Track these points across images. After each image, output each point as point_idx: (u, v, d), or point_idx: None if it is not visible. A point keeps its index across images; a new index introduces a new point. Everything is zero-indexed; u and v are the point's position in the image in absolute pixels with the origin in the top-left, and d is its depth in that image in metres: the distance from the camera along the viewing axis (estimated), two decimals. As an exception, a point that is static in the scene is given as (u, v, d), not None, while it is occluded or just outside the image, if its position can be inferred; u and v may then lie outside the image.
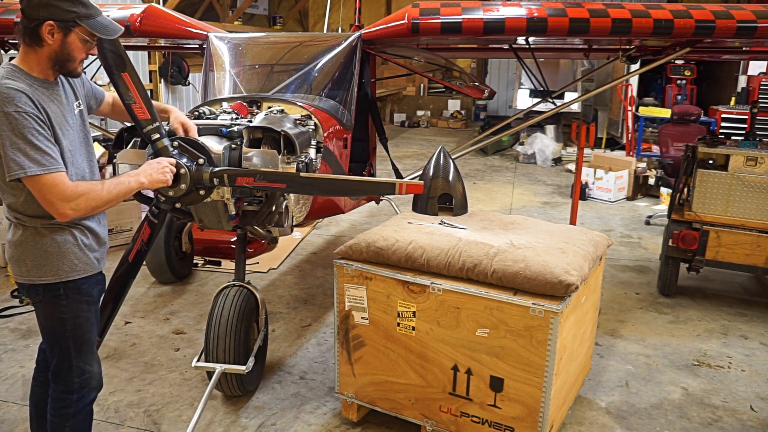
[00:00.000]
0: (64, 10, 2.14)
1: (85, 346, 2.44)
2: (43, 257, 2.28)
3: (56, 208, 2.14)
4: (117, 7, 4.51)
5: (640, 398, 3.51)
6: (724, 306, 4.82)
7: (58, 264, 2.30)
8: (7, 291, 4.80)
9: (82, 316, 2.40)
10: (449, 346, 2.83)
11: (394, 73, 11.86)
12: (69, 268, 2.32)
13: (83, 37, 2.22)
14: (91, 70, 5.73)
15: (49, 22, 2.14)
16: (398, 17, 4.11)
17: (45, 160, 2.10)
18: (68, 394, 2.43)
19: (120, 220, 5.88)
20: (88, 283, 2.40)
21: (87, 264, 2.38)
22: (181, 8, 9.60)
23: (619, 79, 5.40)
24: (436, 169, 3.61)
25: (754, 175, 4.44)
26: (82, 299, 2.39)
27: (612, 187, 8.08)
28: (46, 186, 2.11)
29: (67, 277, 2.32)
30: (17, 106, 2.07)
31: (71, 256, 2.32)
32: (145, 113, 2.56)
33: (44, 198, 2.13)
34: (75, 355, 2.40)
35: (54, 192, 2.12)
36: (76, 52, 2.23)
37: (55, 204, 2.13)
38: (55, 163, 2.13)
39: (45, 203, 2.15)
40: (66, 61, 2.23)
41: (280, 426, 3.20)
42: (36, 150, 2.08)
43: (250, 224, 3.18)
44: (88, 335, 2.44)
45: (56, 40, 2.18)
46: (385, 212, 7.06)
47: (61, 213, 2.15)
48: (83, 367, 2.43)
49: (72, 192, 2.14)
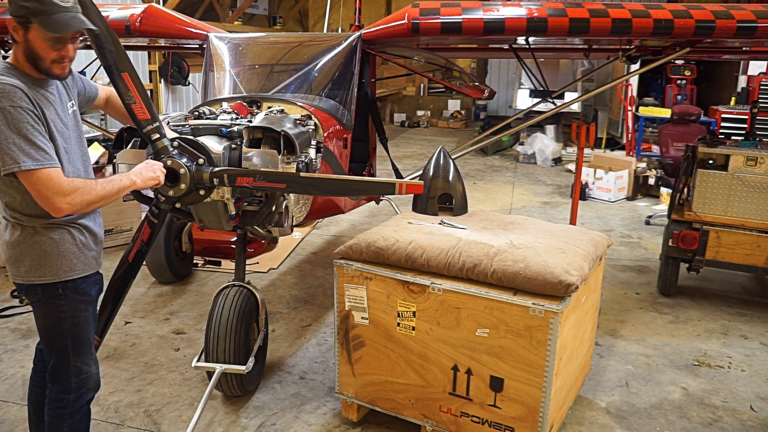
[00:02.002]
0: (18, 5, 2.09)
1: (83, 346, 2.44)
2: (42, 257, 2.28)
3: (51, 203, 2.13)
4: (117, 7, 4.51)
5: (640, 398, 3.51)
6: (724, 306, 4.82)
7: (57, 264, 2.30)
8: (7, 291, 4.80)
9: (80, 316, 2.40)
10: (449, 346, 2.83)
11: (394, 73, 11.86)
12: (68, 267, 2.32)
13: (43, 34, 2.12)
14: (91, 70, 5.75)
15: (10, 18, 2.12)
16: (398, 17, 4.11)
17: (39, 155, 2.09)
18: (65, 394, 2.44)
19: (120, 220, 5.88)
20: (87, 283, 2.41)
21: (85, 263, 2.38)
22: (181, 8, 9.60)
23: (619, 79, 5.39)
24: (436, 169, 3.61)
25: (754, 175, 4.44)
26: (80, 299, 2.39)
27: (612, 187, 8.08)
28: (41, 180, 2.10)
29: (66, 276, 2.32)
30: (12, 101, 2.07)
31: (70, 255, 2.32)
32: (145, 113, 2.56)
33: (39, 192, 2.12)
34: (73, 354, 2.41)
35: (49, 186, 2.10)
36: (42, 51, 2.15)
37: (50, 198, 2.11)
38: (50, 158, 2.12)
39: (40, 198, 2.13)
40: (35, 59, 2.17)
41: (280, 426, 3.20)
42: (30, 145, 2.08)
43: (250, 224, 3.18)
44: (85, 335, 2.44)
45: (20, 37, 2.14)
46: (385, 212, 7.06)
47: (56, 207, 2.14)
48: (81, 367, 2.44)
49: (67, 186, 2.13)
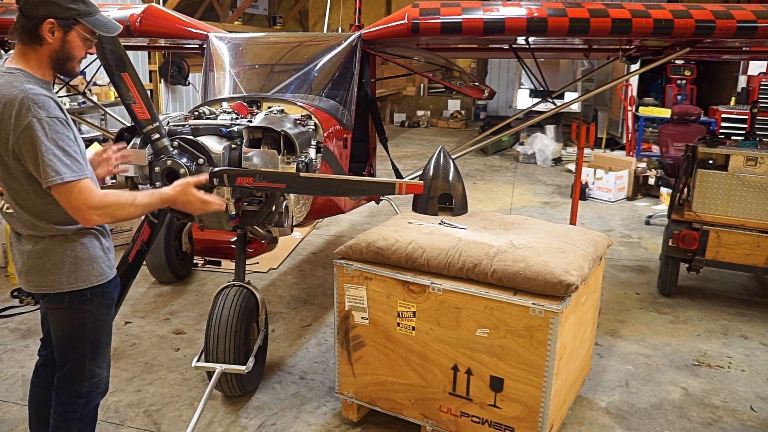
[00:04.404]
0: (65, 7, 2.11)
1: (100, 350, 2.42)
2: (74, 263, 2.25)
3: (82, 214, 2.12)
4: (117, 7, 4.51)
5: (640, 398, 3.51)
6: (724, 306, 4.82)
7: (88, 269, 2.28)
8: (7, 291, 4.80)
9: (101, 320, 2.39)
10: (449, 346, 2.83)
11: (394, 73, 11.86)
12: (98, 272, 2.31)
13: (83, 35, 2.19)
14: (91, 70, 5.75)
15: (49, 20, 2.10)
16: (398, 17, 4.11)
17: (76, 167, 2.08)
18: (76, 398, 2.41)
19: (120, 220, 5.86)
20: (110, 287, 2.39)
21: (110, 267, 2.38)
22: (181, 8, 9.60)
23: (619, 79, 5.39)
24: (436, 169, 3.61)
25: (754, 175, 4.44)
26: (104, 303, 2.38)
27: (612, 187, 8.08)
28: (81, 192, 2.08)
29: (96, 281, 2.31)
30: (48, 111, 2.05)
31: (99, 260, 2.31)
32: (145, 113, 2.56)
33: (71, 205, 2.10)
34: (89, 359, 2.39)
35: (82, 198, 2.09)
36: (76, 51, 2.20)
37: (82, 210, 2.10)
38: (85, 169, 2.12)
39: (72, 209, 2.11)
40: (66, 59, 2.19)
41: (280, 426, 3.20)
42: (68, 156, 2.06)
43: (250, 224, 3.18)
44: (104, 338, 2.43)
45: (57, 39, 2.14)
46: (385, 212, 7.06)
47: (87, 219, 2.14)
48: (94, 370, 2.42)
49: (100, 199, 2.13)
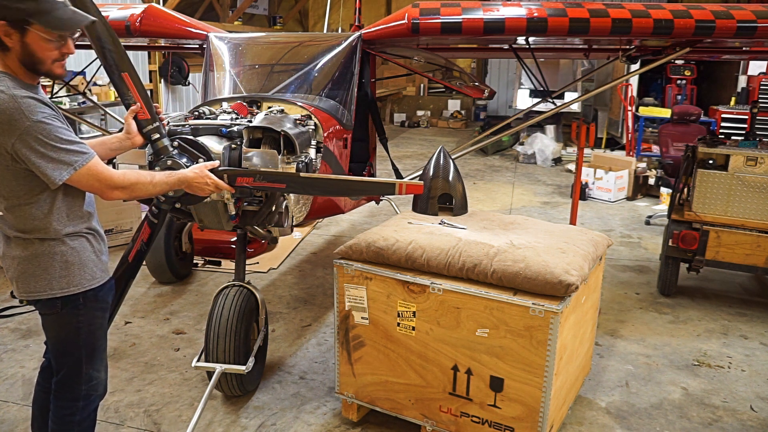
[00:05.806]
0: (12, 8, 1.97)
1: (96, 354, 2.41)
2: (65, 268, 2.23)
3: (104, 193, 2.20)
4: (117, 7, 4.51)
5: (640, 398, 3.51)
6: (724, 306, 4.82)
7: (80, 274, 2.26)
8: (6, 291, 4.80)
9: (96, 324, 2.37)
10: (449, 346, 2.83)
11: (394, 73, 11.86)
12: (90, 276, 2.29)
13: (42, 36, 2.03)
14: (91, 70, 5.75)
15: (1, 22, 1.99)
16: (398, 17, 4.10)
17: (82, 149, 2.11)
18: (74, 401, 2.40)
19: (120, 220, 5.88)
20: (104, 290, 2.37)
21: (103, 270, 2.37)
22: (181, 8, 9.60)
23: (619, 79, 5.38)
24: (436, 169, 3.61)
25: (754, 175, 4.44)
26: (98, 306, 2.36)
27: (612, 187, 8.08)
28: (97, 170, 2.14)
29: (89, 285, 2.29)
30: (42, 112, 2.03)
31: (90, 264, 2.29)
32: (145, 113, 2.56)
33: (93, 187, 2.18)
34: (86, 363, 2.37)
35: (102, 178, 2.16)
36: (41, 52, 2.06)
37: (104, 190, 2.19)
38: (84, 147, 2.14)
39: (94, 191, 2.20)
40: (35, 62, 2.08)
41: (280, 426, 3.20)
42: (72, 143, 2.09)
43: (250, 224, 3.18)
44: (99, 342, 2.42)
45: (15, 42, 2.03)
46: (385, 212, 7.06)
47: (109, 197, 2.22)
48: (92, 373, 2.40)
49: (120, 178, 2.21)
